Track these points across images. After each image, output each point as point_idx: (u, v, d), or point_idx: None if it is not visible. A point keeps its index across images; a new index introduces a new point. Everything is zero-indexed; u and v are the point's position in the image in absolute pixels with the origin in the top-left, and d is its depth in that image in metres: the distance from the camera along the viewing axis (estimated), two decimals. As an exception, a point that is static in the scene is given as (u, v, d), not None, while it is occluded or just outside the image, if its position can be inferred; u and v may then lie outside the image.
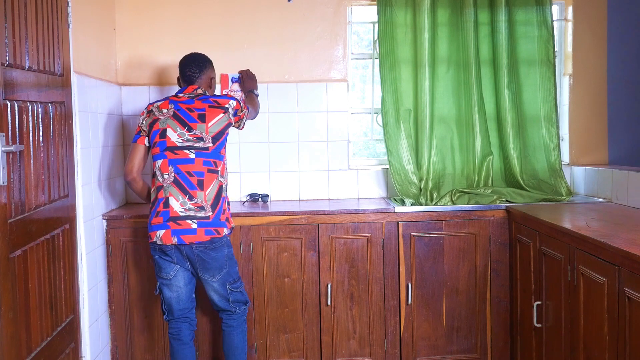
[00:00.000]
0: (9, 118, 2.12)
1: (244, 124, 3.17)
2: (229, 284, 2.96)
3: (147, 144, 3.00)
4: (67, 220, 2.71)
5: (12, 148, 2.07)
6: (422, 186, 3.66)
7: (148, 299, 3.40)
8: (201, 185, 2.84)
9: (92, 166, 3.19)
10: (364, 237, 3.39)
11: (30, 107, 2.31)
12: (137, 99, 3.81)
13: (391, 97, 3.70)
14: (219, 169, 2.91)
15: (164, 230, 2.81)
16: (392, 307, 3.42)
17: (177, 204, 2.82)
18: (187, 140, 2.87)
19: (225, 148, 2.97)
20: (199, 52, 3.16)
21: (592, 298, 2.47)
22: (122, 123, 3.78)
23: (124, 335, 3.41)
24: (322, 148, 3.90)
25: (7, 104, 2.11)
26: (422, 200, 3.60)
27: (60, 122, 2.65)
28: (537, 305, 2.97)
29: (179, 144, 2.87)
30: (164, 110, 2.93)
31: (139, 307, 3.40)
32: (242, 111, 3.06)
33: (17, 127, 2.18)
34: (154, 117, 2.95)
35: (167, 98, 2.99)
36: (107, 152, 3.46)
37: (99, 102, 3.35)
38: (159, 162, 2.88)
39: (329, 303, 3.39)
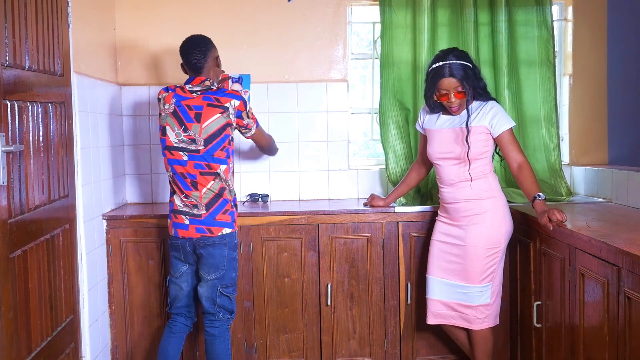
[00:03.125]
0: (9, 118, 2.12)
1: (251, 135, 3.04)
2: (221, 287, 2.90)
3: None
4: (67, 220, 2.71)
5: (12, 148, 2.07)
6: (421, 186, 3.66)
7: (148, 299, 3.40)
8: (195, 186, 2.86)
9: (92, 166, 3.19)
10: (364, 237, 3.40)
11: (30, 107, 2.31)
12: (137, 99, 3.81)
13: (390, 97, 3.70)
14: (218, 170, 2.86)
15: (169, 221, 2.95)
16: (392, 307, 3.43)
17: (178, 199, 2.91)
18: (182, 141, 2.86)
19: (225, 150, 2.88)
20: (208, 42, 2.98)
21: (592, 298, 2.47)
22: (122, 123, 3.78)
23: (124, 335, 3.41)
24: (322, 148, 3.90)
25: (7, 104, 2.11)
26: (422, 200, 3.59)
27: (60, 122, 2.65)
28: (537, 305, 2.97)
29: (175, 145, 2.88)
30: (167, 106, 2.90)
31: (139, 307, 3.40)
32: (247, 119, 2.95)
33: (17, 127, 2.18)
34: (159, 109, 2.95)
35: (174, 89, 2.93)
36: (107, 152, 3.46)
37: (99, 102, 3.35)
38: (162, 158, 2.96)
39: (329, 303, 3.39)
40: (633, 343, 2.18)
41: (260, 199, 3.77)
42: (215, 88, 2.92)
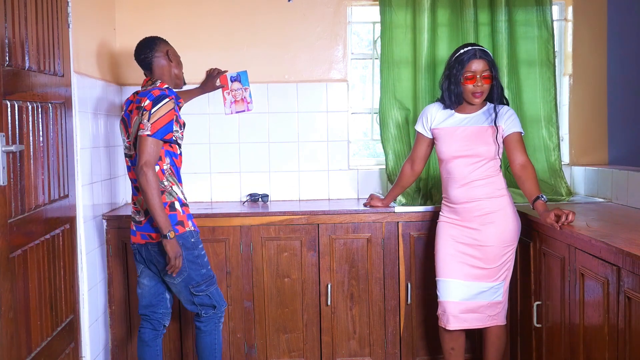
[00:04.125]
0: (9, 118, 2.12)
1: (139, 135, 2.67)
2: (192, 287, 2.85)
3: None
4: (67, 220, 2.71)
5: (12, 148, 2.07)
6: (421, 186, 3.66)
7: (148, 299, 3.40)
8: (138, 191, 2.83)
9: (92, 166, 3.19)
10: (364, 237, 3.40)
11: (30, 107, 2.31)
12: (137, 99, 3.81)
13: (391, 97, 3.70)
14: None
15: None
16: (392, 307, 3.43)
17: (131, 205, 2.93)
18: (126, 147, 2.88)
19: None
20: (156, 38, 2.96)
21: (592, 298, 2.47)
22: (122, 123, 3.78)
23: (124, 335, 3.41)
24: (322, 148, 3.90)
25: (7, 104, 2.11)
26: (422, 200, 3.60)
27: (60, 122, 2.64)
28: (537, 305, 2.97)
29: (124, 152, 2.91)
30: (122, 113, 2.91)
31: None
32: (145, 121, 2.65)
33: (17, 127, 2.18)
34: None
35: (130, 96, 2.92)
36: (107, 152, 3.46)
37: (99, 102, 3.35)
38: None
39: (329, 303, 3.39)
40: (633, 343, 2.18)
41: (260, 199, 3.77)
42: (149, 87, 2.80)
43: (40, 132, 2.41)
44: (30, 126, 2.31)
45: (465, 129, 2.96)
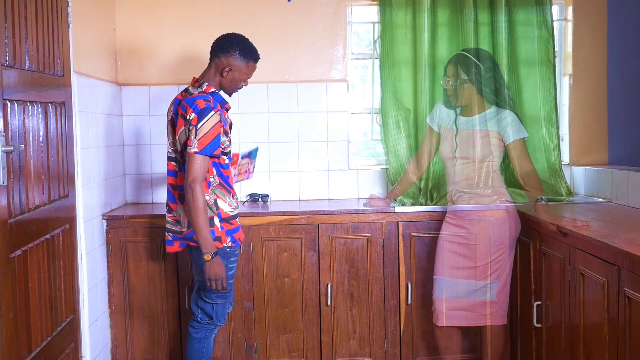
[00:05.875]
0: (9, 118, 2.12)
1: (187, 152, 2.60)
2: (203, 291, 2.84)
3: None
4: (67, 220, 2.71)
5: (12, 148, 2.07)
6: (421, 186, 3.66)
7: (148, 299, 3.40)
8: (182, 199, 2.77)
9: (92, 166, 3.19)
10: (364, 237, 3.40)
11: (30, 107, 2.31)
12: (137, 99, 3.81)
13: (391, 97, 3.70)
14: None
15: None
16: (392, 307, 3.43)
17: (166, 215, 2.87)
18: (175, 151, 2.80)
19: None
20: (237, 46, 2.85)
21: (592, 298, 2.47)
22: (122, 123, 3.78)
23: (124, 335, 3.41)
24: (322, 148, 3.90)
25: (7, 104, 2.11)
26: (422, 200, 3.60)
27: (60, 122, 2.64)
28: (537, 305, 2.97)
29: (168, 155, 2.84)
30: (168, 113, 2.83)
31: (139, 307, 3.40)
32: (193, 137, 2.57)
33: (17, 127, 2.18)
34: None
35: (178, 94, 2.81)
36: (107, 152, 3.46)
37: (99, 102, 3.35)
38: (163, 158, 2.94)
39: (329, 303, 3.39)
40: (633, 343, 2.18)
41: (260, 199, 3.77)
42: (196, 92, 2.72)
43: (40, 132, 2.41)
44: (30, 126, 2.31)
45: (460, 131, 3.08)
